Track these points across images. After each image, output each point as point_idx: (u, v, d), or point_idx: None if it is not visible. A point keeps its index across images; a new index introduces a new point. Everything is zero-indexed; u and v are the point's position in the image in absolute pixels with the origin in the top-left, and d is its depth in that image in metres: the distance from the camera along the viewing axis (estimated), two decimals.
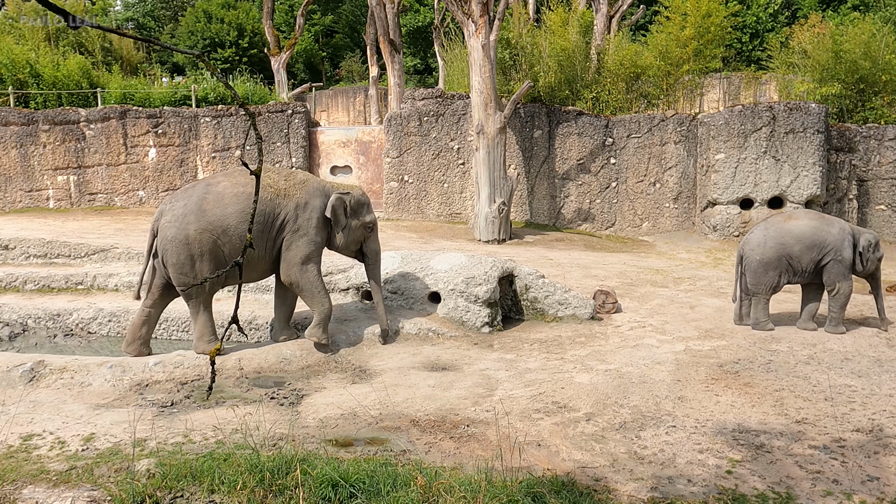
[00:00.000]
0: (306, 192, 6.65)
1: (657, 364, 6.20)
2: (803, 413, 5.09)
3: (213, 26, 29.90)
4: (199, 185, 6.54)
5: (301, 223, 6.55)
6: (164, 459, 4.22)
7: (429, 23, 30.80)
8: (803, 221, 7.19)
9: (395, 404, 5.39)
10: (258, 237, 6.39)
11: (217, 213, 6.27)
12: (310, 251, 6.63)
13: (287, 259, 6.56)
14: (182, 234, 6.26)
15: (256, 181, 1.71)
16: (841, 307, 7.15)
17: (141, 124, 15.91)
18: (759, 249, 7.21)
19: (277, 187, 6.53)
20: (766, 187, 13.02)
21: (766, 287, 7.24)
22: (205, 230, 6.25)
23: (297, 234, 6.55)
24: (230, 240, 6.31)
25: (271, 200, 6.46)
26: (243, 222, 6.25)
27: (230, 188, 6.40)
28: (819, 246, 7.06)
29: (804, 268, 7.13)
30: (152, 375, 6.09)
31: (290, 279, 6.61)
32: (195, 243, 6.25)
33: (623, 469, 4.27)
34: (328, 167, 16.17)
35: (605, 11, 17.83)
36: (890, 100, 14.23)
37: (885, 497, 3.92)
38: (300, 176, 6.79)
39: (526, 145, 14.67)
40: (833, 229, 7.12)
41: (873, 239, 7.23)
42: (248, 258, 6.34)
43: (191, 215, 6.27)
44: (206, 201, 6.31)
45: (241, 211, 6.28)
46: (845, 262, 7.08)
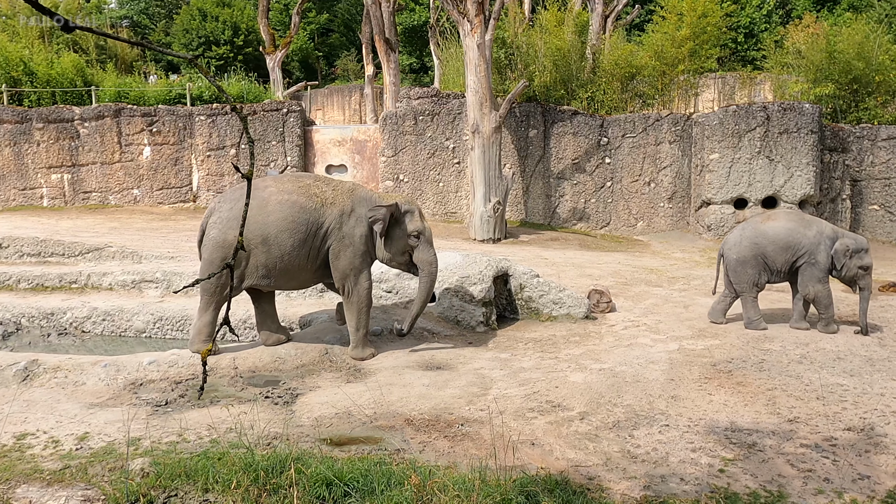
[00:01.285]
0: (352, 201, 6.52)
1: (651, 363, 6.23)
2: (795, 412, 5.12)
3: (207, 24, 29.84)
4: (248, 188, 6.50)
5: (346, 231, 6.44)
6: (159, 458, 4.22)
7: (424, 21, 30.79)
8: (780, 223, 7.23)
9: (389, 403, 5.40)
10: (300, 246, 6.31)
11: (259, 220, 6.24)
12: (358, 261, 6.50)
13: (337, 268, 6.46)
14: (222, 236, 6.29)
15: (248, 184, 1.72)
16: (825, 307, 7.12)
17: (135, 122, 15.87)
18: (736, 248, 7.32)
19: (324, 197, 6.45)
20: (760, 187, 13.07)
21: (748, 284, 7.30)
22: (244, 237, 6.25)
23: (342, 244, 6.43)
24: (268, 249, 6.25)
25: (316, 210, 6.35)
26: (284, 231, 6.23)
27: (276, 195, 6.33)
28: (793, 248, 7.10)
29: (779, 268, 7.19)
30: (147, 374, 6.09)
31: (345, 287, 6.53)
32: (231, 248, 6.25)
33: (616, 468, 4.29)
34: (323, 166, 16.17)
35: (601, 11, 17.87)
36: (883, 100, 14.31)
37: (875, 495, 3.95)
38: (348, 185, 6.70)
39: (521, 145, 14.69)
40: (810, 232, 7.10)
41: (853, 245, 7.04)
42: (289, 266, 6.34)
43: (234, 221, 6.27)
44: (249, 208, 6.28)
45: (282, 219, 6.24)
46: (819, 266, 7.04)
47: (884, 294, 9.23)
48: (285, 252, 6.24)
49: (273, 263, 6.27)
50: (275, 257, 6.26)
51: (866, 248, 7.14)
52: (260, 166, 15.93)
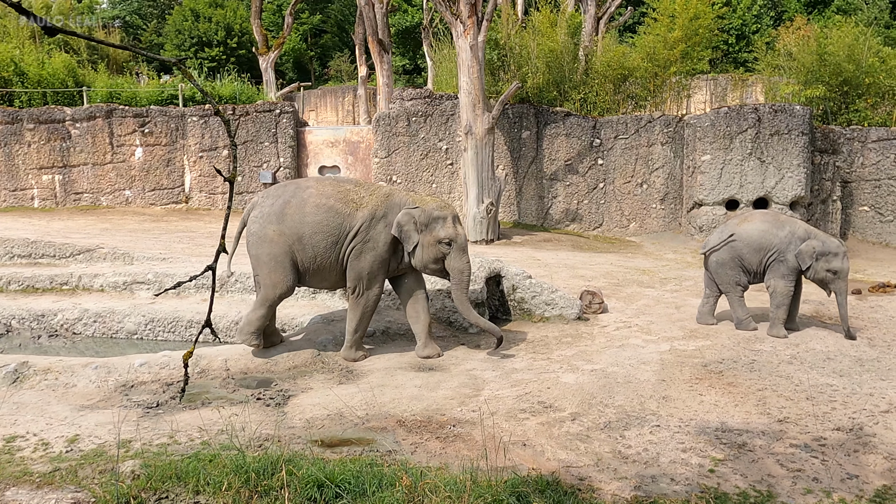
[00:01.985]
0: (385, 205, 6.51)
1: (642, 364, 6.25)
2: (785, 412, 5.16)
3: (200, 25, 29.74)
4: (289, 187, 6.62)
5: (372, 235, 6.42)
6: (149, 460, 4.21)
7: (418, 23, 30.80)
8: (754, 224, 7.32)
9: (381, 405, 5.41)
10: (331, 248, 6.37)
11: (295, 219, 6.34)
12: (376, 266, 6.47)
13: (354, 267, 6.45)
14: (262, 231, 6.39)
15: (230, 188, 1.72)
16: (777, 307, 7.14)
17: (127, 123, 15.81)
18: (716, 251, 7.44)
19: (357, 202, 6.47)
20: (751, 188, 13.14)
21: (730, 285, 7.39)
22: (282, 233, 6.34)
23: (366, 246, 6.42)
24: (303, 248, 6.35)
25: (350, 214, 6.39)
26: (317, 233, 6.31)
27: (315, 198, 6.40)
28: (765, 248, 7.18)
29: (754, 269, 7.28)
30: (138, 376, 6.07)
31: (354, 289, 6.52)
32: (273, 243, 6.35)
33: (607, 468, 4.31)
34: (316, 167, 16.15)
35: (593, 13, 17.92)
36: (873, 102, 14.40)
37: (863, 495, 3.98)
38: (385, 190, 6.72)
39: (514, 146, 14.72)
40: (781, 232, 7.17)
41: (819, 247, 6.99)
42: (319, 267, 6.43)
43: (273, 216, 6.37)
44: (289, 206, 6.39)
45: (317, 223, 6.31)
46: (787, 264, 7.09)
47: (873, 295, 9.29)
48: (318, 252, 6.36)
49: (307, 263, 6.40)
50: (308, 257, 6.37)
51: (836, 251, 7.01)
52: (252, 167, 15.89)
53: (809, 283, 7.73)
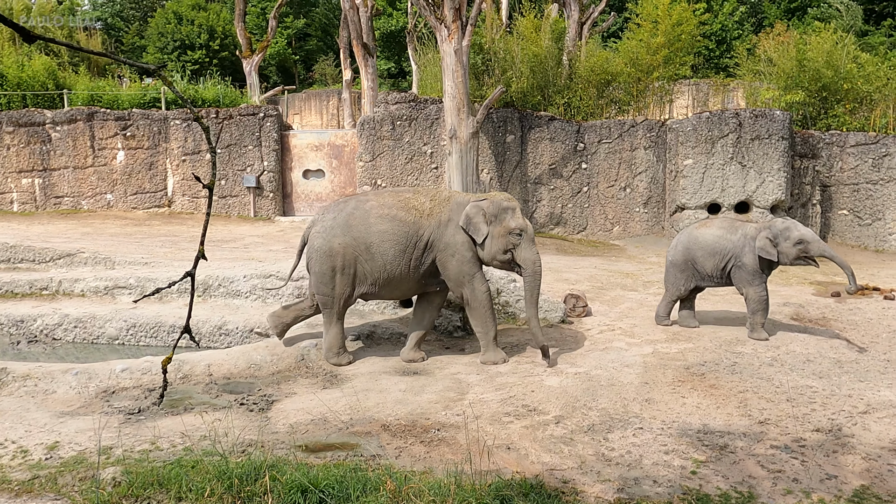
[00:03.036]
0: (448, 209, 6.55)
1: (625, 367, 6.30)
2: (766, 414, 5.21)
3: (183, 28, 29.56)
4: (349, 202, 6.67)
5: (447, 241, 6.47)
6: (131, 467, 4.17)
7: (402, 27, 30.82)
8: (711, 230, 7.45)
9: (366, 409, 5.40)
10: (400, 256, 6.39)
11: (361, 230, 6.39)
12: (467, 268, 6.48)
13: (449, 278, 6.52)
14: (327, 245, 6.40)
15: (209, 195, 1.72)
16: (753, 312, 7.21)
17: (109, 126, 15.67)
18: (672, 252, 7.65)
19: (422, 210, 6.51)
20: (732, 192, 13.28)
21: (671, 286, 7.62)
22: (348, 245, 6.38)
23: (446, 254, 6.47)
24: (371, 257, 6.39)
25: (415, 222, 6.44)
26: (385, 243, 6.35)
27: (377, 208, 6.46)
28: (720, 253, 7.28)
29: (710, 272, 7.40)
30: (119, 382, 6.01)
31: (463, 296, 6.56)
32: (338, 256, 6.37)
33: (591, 471, 4.33)
34: (301, 171, 16.10)
35: (577, 18, 18.04)
36: (851, 108, 14.63)
37: (842, 495, 4.03)
38: (445, 194, 6.72)
39: (499, 150, 14.77)
40: (734, 236, 7.27)
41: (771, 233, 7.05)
42: (390, 277, 6.44)
43: (337, 229, 6.41)
44: (352, 217, 6.44)
45: (383, 231, 6.36)
46: (746, 268, 7.15)
47: (852, 297, 9.42)
48: (388, 261, 6.39)
49: (377, 273, 6.43)
50: (378, 266, 6.40)
51: (788, 225, 7.09)
52: (236, 171, 15.81)
53: (790, 287, 7.81)
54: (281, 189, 15.97)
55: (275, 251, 11.61)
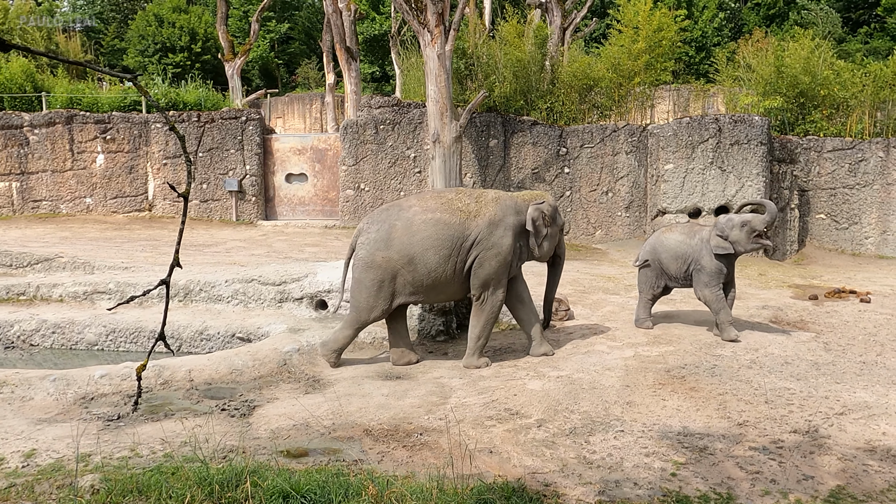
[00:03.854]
0: (498, 209, 6.58)
1: (607, 370, 6.34)
2: (745, 416, 5.28)
3: (164, 30, 29.34)
4: (392, 210, 6.63)
5: (494, 241, 6.48)
6: (109, 474, 4.12)
7: (386, 31, 30.85)
8: (674, 234, 7.77)
9: (348, 414, 5.38)
10: (445, 261, 6.37)
11: (404, 241, 6.36)
12: (501, 271, 6.56)
13: (479, 276, 6.49)
14: (370, 257, 6.44)
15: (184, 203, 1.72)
16: (716, 312, 7.38)
17: (88, 129, 15.51)
18: (642, 254, 7.96)
19: (468, 210, 6.51)
20: (712, 197, 13.44)
21: (645, 286, 7.90)
22: (390, 259, 6.39)
23: (489, 252, 6.47)
24: (415, 268, 6.37)
25: (460, 224, 6.43)
26: (429, 249, 6.34)
27: (420, 214, 6.44)
28: (682, 257, 7.57)
29: (674, 274, 7.70)
30: (98, 388, 5.94)
31: (481, 297, 6.59)
32: (378, 269, 6.40)
33: (572, 474, 4.35)
34: (283, 175, 16.03)
35: (559, 23, 18.17)
36: (828, 113, 14.86)
37: (818, 495, 4.09)
38: (491, 194, 6.73)
39: (482, 154, 14.82)
40: (693, 241, 7.54)
41: (718, 228, 7.29)
42: (436, 282, 6.42)
43: (381, 242, 6.43)
44: (395, 230, 6.42)
45: (427, 238, 6.35)
46: (705, 271, 7.36)
47: (829, 300, 9.57)
48: (431, 269, 6.37)
49: (420, 281, 6.41)
50: (421, 275, 6.39)
51: (732, 217, 7.33)
52: (218, 175, 15.71)
53: (768, 289, 7.91)
54: (263, 193, 15.90)
55: (257, 255, 11.55)
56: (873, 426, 5.07)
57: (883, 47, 25.27)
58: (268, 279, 8.34)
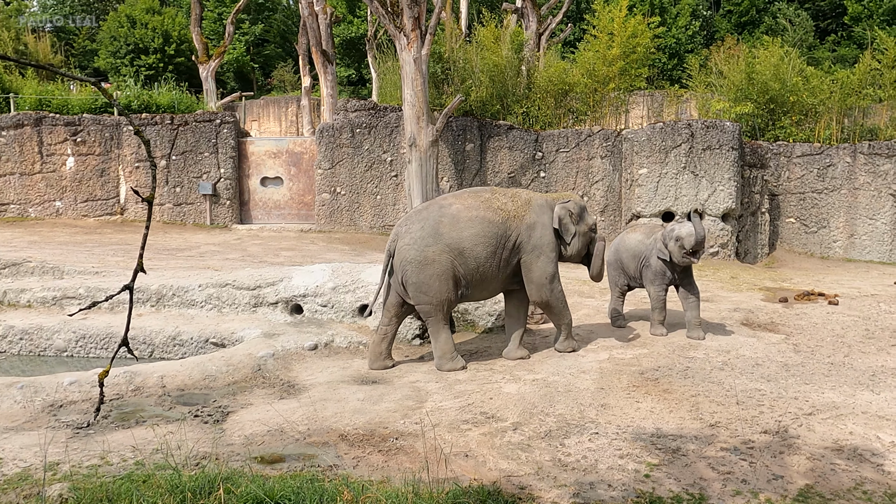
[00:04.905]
0: (533, 211, 6.75)
1: (582, 373, 6.39)
2: (717, 417, 5.35)
3: (136, 32, 28.93)
4: (431, 208, 6.65)
5: (535, 242, 6.68)
6: (78, 483, 4.05)
7: (362, 34, 30.78)
8: (634, 234, 8.06)
9: (323, 419, 5.35)
10: (491, 257, 6.51)
11: (453, 235, 6.44)
12: (552, 269, 6.79)
13: (533, 280, 6.70)
14: (421, 255, 6.41)
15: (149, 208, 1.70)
16: (653, 309, 7.72)
17: (58, 132, 15.24)
18: (608, 254, 8.29)
19: (507, 210, 6.65)
20: (686, 201, 13.62)
21: (612, 283, 8.21)
22: (443, 252, 6.40)
23: (534, 254, 6.67)
24: (465, 261, 6.46)
25: (503, 223, 6.57)
26: (477, 245, 6.44)
27: (464, 211, 6.53)
28: (638, 256, 7.86)
29: (632, 273, 7.98)
30: (67, 395, 5.83)
31: (542, 299, 6.77)
32: (435, 263, 6.40)
33: (547, 476, 4.38)
34: (258, 178, 15.90)
35: (535, 28, 18.30)
36: (797, 119, 15.17)
37: (787, 494, 4.16)
38: (524, 195, 6.87)
39: (458, 158, 14.85)
40: (648, 240, 7.83)
41: (662, 236, 7.49)
42: (482, 277, 6.54)
43: (429, 238, 6.43)
44: (441, 224, 6.46)
45: (475, 234, 6.46)
46: (651, 268, 7.68)
47: (799, 303, 9.75)
48: (480, 263, 6.50)
49: (470, 274, 6.52)
50: (471, 268, 6.50)
51: (674, 227, 7.46)
52: (192, 178, 15.53)
53: (738, 290, 8.03)
54: (238, 196, 15.75)
55: (231, 260, 11.44)
56: (841, 426, 5.18)
57: (850, 55, 25.86)
58: (242, 284, 8.26)
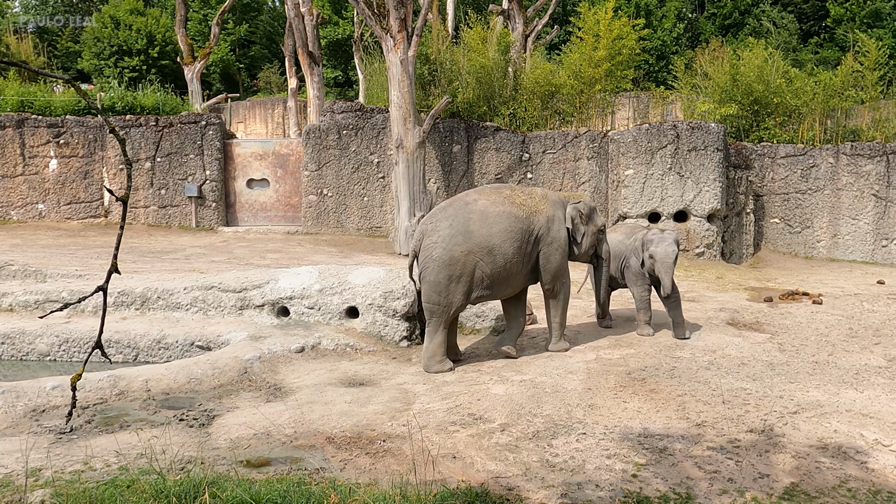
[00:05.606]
0: (551, 206, 6.92)
1: (569, 373, 6.40)
2: (703, 416, 5.38)
3: (120, 33, 28.71)
4: (456, 205, 6.63)
5: (553, 236, 6.86)
6: (61, 489, 3.99)
7: (349, 36, 30.72)
8: (615, 235, 8.13)
9: (310, 422, 5.32)
10: (517, 252, 6.58)
11: (483, 233, 6.44)
12: (565, 262, 7.00)
13: (548, 270, 6.89)
14: (448, 254, 6.39)
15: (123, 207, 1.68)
16: (638, 310, 7.79)
17: (41, 134, 15.07)
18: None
19: (528, 205, 6.76)
20: (671, 202, 13.70)
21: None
22: (470, 252, 6.40)
23: (552, 247, 6.85)
24: (493, 259, 6.48)
25: (527, 218, 6.68)
26: (506, 241, 6.50)
27: (491, 206, 6.55)
28: (619, 256, 7.95)
29: (614, 274, 8.04)
30: (50, 400, 5.75)
31: (555, 287, 6.98)
32: (458, 264, 6.39)
33: (535, 477, 4.37)
34: (244, 180, 15.82)
35: (521, 30, 18.35)
36: (781, 121, 15.31)
37: (773, 493, 4.19)
38: (539, 191, 7.03)
39: (445, 159, 14.85)
40: (628, 241, 7.91)
41: (641, 240, 7.62)
42: (508, 273, 6.59)
43: (459, 236, 6.41)
44: (471, 221, 6.45)
45: (504, 230, 6.51)
46: (631, 269, 7.77)
47: (784, 302, 9.83)
48: (508, 259, 6.55)
49: (496, 272, 6.54)
50: (499, 266, 6.52)
51: (652, 238, 7.50)
52: (177, 180, 15.42)
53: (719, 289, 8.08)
54: (224, 199, 15.65)
55: (217, 262, 11.35)
56: (825, 424, 5.22)
57: (832, 57, 26.16)
58: (228, 286, 8.20)
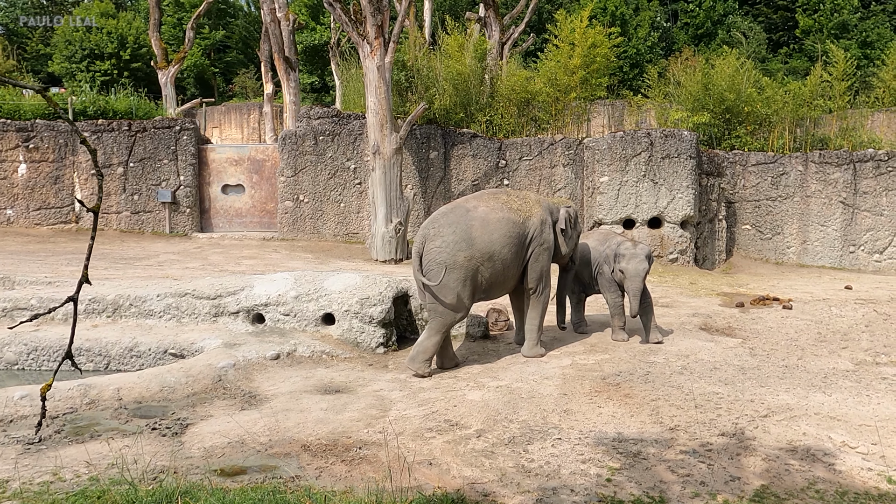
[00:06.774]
0: (542, 209, 7.13)
1: (545, 379, 6.44)
2: (676, 420, 5.45)
3: (92, 36, 28.31)
4: (457, 211, 6.70)
5: (545, 237, 7.07)
6: (29, 500, 3.92)
7: (325, 41, 30.64)
8: (590, 241, 8.22)
9: (285, 430, 5.28)
10: (514, 258, 6.78)
11: (485, 239, 6.60)
12: (549, 264, 7.18)
13: (535, 269, 7.03)
14: (451, 259, 6.49)
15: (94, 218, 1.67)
16: (612, 316, 7.88)
17: (9, 138, 14.79)
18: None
19: (524, 210, 6.96)
20: (646, 208, 13.87)
21: (567, 290, 8.26)
22: (472, 258, 6.51)
23: (542, 248, 7.04)
24: (493, 264, 6.64)
25: (523, 223, 6.87)
26: (506, 246, 6.67)
27: (491, 213, 6.71)
28: (591, 263, 8.04)
29: (587, 280, 8.15)
30: (17, 410, 5.64)
31: (538, 286, 7.09)
32: (461, 269, 6.51)
33: (511, 483, 4.39)
34: (219, 186, 15.67)
35: (498, 38, 18.47)
36: (752, 129, 15.60)
37: (744, 495, 4.26)
38: (532, 196, 7.22)
39: (422, 166, 14.87)
40: (601, 247, 8.00)
41: (612, 251, 7.72)
42: (504, 277, 6.78)
43: (462, 243, 6.53)
44: (473, 228, 6.55)
45: (505, 236, 6.68)
46: (604, 276, 7.87)
47: (755, 307, 10.00)
48: (507, 264, 6.75)
49: (495, 277, 6.72)
50: (498, 271, 6.70)
51: (625, 252, 7.57)
52: (150, 186, 15.22)
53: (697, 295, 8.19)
54: (198, 204, 15.49)
55: (191, 268, 11.23)
56: (795, 427, 5.32)
57: (801, 67, 26.74)
58: (202, 293, 8.12)
